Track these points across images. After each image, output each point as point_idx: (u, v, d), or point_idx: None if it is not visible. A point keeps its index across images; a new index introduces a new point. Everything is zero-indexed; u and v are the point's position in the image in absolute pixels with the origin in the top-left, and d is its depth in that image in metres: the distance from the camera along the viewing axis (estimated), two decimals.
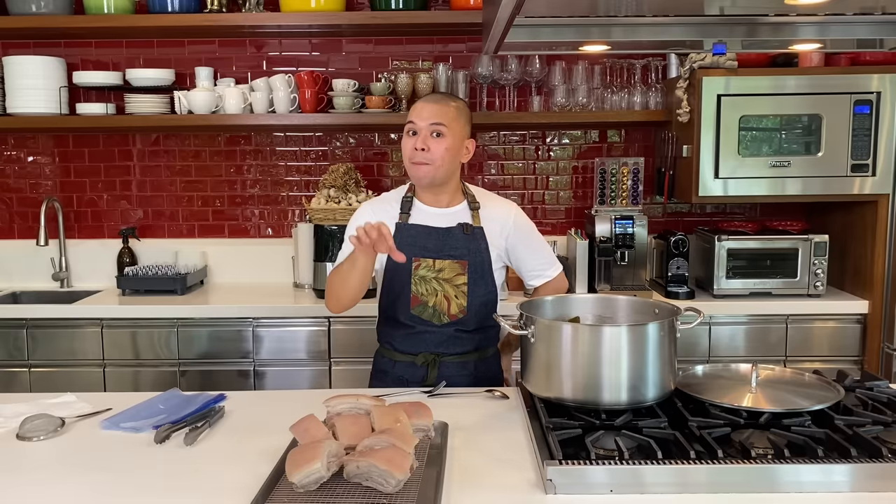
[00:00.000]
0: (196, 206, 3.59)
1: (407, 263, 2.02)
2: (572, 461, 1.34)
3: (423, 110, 2.02)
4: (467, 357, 2.10)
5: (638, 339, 1.58)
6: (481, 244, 2.08)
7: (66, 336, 3.02)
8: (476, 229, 2.08)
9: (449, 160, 2.02)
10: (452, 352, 2.08)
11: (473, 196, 2.14)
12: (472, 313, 2.08)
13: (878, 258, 2.99)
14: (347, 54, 3.49)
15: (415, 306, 2.06)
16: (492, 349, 2.19)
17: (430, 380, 2.05)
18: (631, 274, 3.22)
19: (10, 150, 3.56)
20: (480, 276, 2.07)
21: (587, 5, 1.73)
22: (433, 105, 2.02)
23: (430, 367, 2.07)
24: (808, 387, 1.70)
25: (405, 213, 2.10)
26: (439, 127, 2.00)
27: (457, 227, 2.07)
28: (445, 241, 2.06)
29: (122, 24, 3.21)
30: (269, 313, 3.01)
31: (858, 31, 1.89)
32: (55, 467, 1.50)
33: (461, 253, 2.05)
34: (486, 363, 2.15)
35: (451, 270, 2.05)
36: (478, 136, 3.54)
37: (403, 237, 2.05)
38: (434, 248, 2.05)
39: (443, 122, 2.00)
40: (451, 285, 2.05)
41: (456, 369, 2.08)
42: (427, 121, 2.00)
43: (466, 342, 2.09)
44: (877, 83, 2.94)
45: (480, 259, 2.07)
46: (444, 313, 2.06)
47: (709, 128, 2.98)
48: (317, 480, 1.30)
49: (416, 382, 2.06)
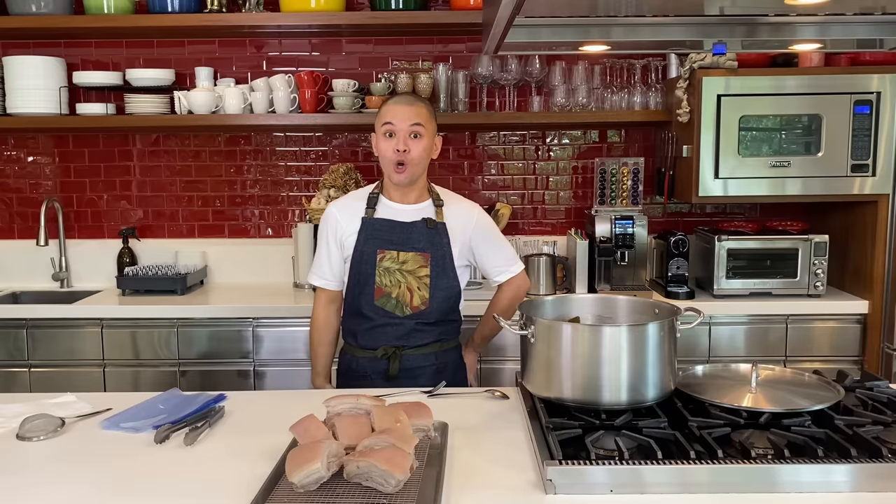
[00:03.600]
0: (196, 206, 3.59)
1: (372, 255, 2.14)
2: (572, 461, 1.34)
3: (401, 112, 2.10)
4: (428, 349, 2.19)
5: (638, 339, 1.58)
6: (444, 239, 2.17)
7: (66, 336, 3.02)
8: (439, 224, 2.18)
9: (425, 158, 2.14)
10: (414, 344, 2.17)
11: (438, 195, 2.25)
12: (434, 306, 2.17)
13: (878, 258, 2.99)
14: (347, 54, 3.49)
15: (378, 297, 2.15)
16: (452, 342, 2.28)
17: (392, 371, 2.15)
18: (631, 274, 3.22)
19: (10, 150, 3.56)
20: (443, 269, 2.16)
21: (587, 5, 1.72)
22: (409, 107, 2.11)
23: (392, 360, 2.15)
24: (808, 387, 1.70)
25: (371, 209, 2.19)
26: (418, 128, 2.10)
27: (420, 222, 2.17)
28: (409, 235, 2.15)
29: (122, 24, 3.21)
30: (269, 313, 3.01)
31: (858, 31, 1.89)
32: (55, 467, 1.50)
33: (424, 246, 2.15)
34: (446, 354, 2.24)
35: (414, 262, 2.14)
36: (477, 135, 3.54)
37: (369, 231, 2.16)
38: (398, 240, 2.15)
39: (421, 122, 2.10)
40: (413, 277, 2.14)
41: (418, 361, 2.18)
42: (406, 122, 2.09)
43: (427, 334, 2.18)
44: (877, 83, 2.94)
45: (443, 252, 2.16)
46: (407, 305, 2.15)
47: (709, 128, 2.98)
48: (317, 480, 1.30)
49: (380, 375, 2.16)
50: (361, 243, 2.16)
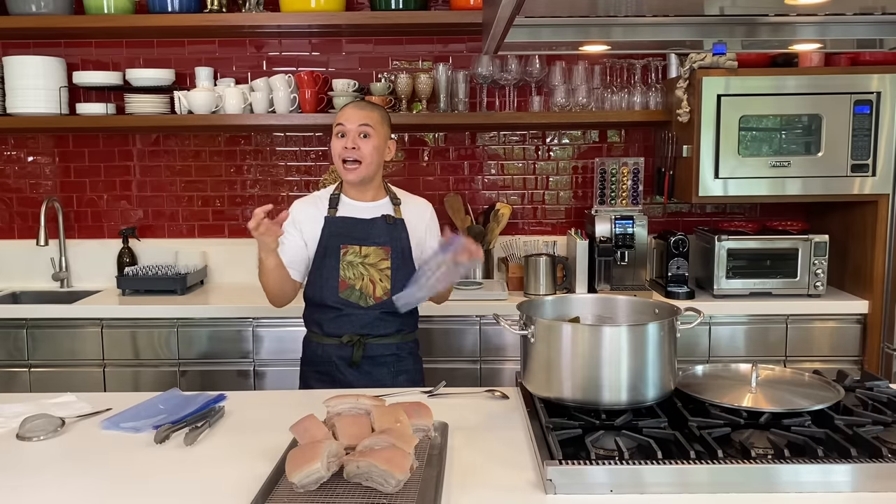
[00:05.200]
0: (196, 206, 3.59)
1: (335, 250, 2.26)
2: (572, 461, 1.34)
3: (352, 115, 2.23)
4: (390, 339, 2.29)
5: (638, 339, 1.58)
6: (402, 233, 2.30)
7: (66, 336, 3.02)
8: (398, 220, 2.31)
9: (377, 158, 2.25)
10: (377, 333, 2.26)
11: (395, 193, 2.38)
12: None
13: (878, 258, 2.99)
14: (347, 54, 3.49)
15: (343, 290, 2.25)
16: (411, 334, 2.37)
17: (356, 358, 2.24)
18: (631, 274, 3.22)
19: (10, 150, 3.56)
20: (402, 262, 2.28)
21: (587, 5, 1.72)
22: (360, 110, 2.24)
23: (356, 347, 2.24)
24: (808, 387, 1.70)
25: (333, 208, 2.31)
26: (366, 128, 2.22)
27: (380, 218, 2.29)
28: (370, 231, 2.27)
29: (122, 24, 3.21)
30: (269, 313, 3.01)
31: (858, 31, 1.89)
32: (55, 467, 1.50)
33: (384, 240, 2.27)
34: (407, 345, 2.34)
35: (375, 256, 2.26)
36: (477, 135, 3.54)
37: (332, 229, 2.27)
38: (360, 236, 2.26)
39: (369, 123, 2.22)
40: (376, 269, 2.25)
41: (380, 349, 2.27)
42: (355, 123, 2.21)
43: (390, 324, 2.28)
44: (877, 83, 2.94)
45: (402, 246, 2.29)
46: (370, 296, 2.25)
47: (709, 128, 2.98)
48: (317, 480, 1.30)
49: (344, 362, 2.25)
50: (325, 239, 2.26)
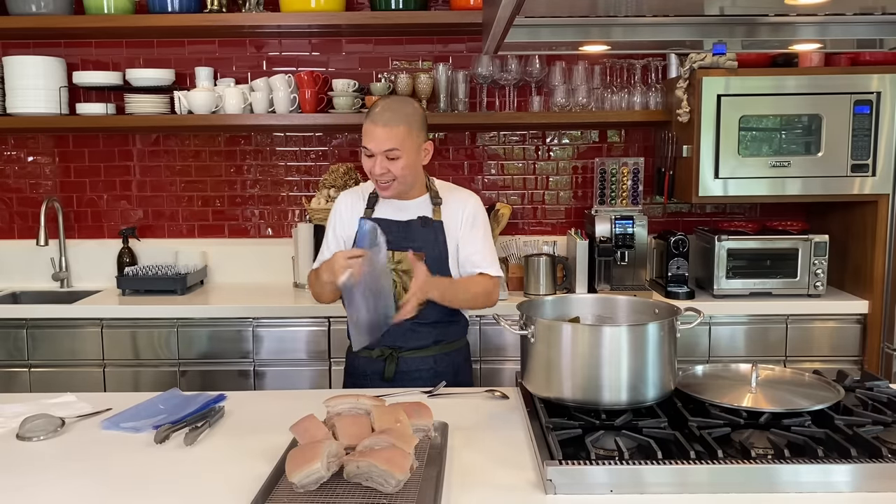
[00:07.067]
0: (196, 206, 3.59)
1: None
2: (572, 461, 1.34)
3: (377, 138, 2.02)
4: (426, 352, 2.14)
5: (638, 339, 1.58)
6: (440, 237, 2.14)
7: (66, 336, 3.02)
8: (435, 223, 2.15)
9: (410, 172, 2.08)
10: (410, 346, 2.13)
11: (437, 192, 2.20)
12: (431, 306, 2.09)
13: (878, 258, 2.99)
14: (347, 54, 3.49)
15: None
16: (454, 344, 2.22)
17: (388, 374, 2.11)
18: (631, 274, 3.22)
19: (10, 150, 3.56)
20: (437, 269, 2.09)
21: (587, 5, 1.73)
22: (384, 129, 2.02)
23: (388, 362, 2.12)
24: (808, 387, 1.70)
25: (370, 209, 2.19)
26: (392, 152, 2.02)
27: (416, 221, 2.15)
28: (405, 234, 2.12)
29: (122, 24, 3.21)
30: (269, 313, 3.01)
31: (858, 31, 1.89)
32: (55, 467, 1.50)
33: (419, 245, 2.11)
34: (449, 357, 2.18)
35: (408, 262, 2.05)
36: (477, 135, 3.54)
37: None
38: (394, 240, 2.07)
39: (394, 146, 2.02)
40: (409, 276, 2.05)
41: (415, 364, 2.13)
42: (381, 147, 2.02)
43: (425, 336, 2.14)
44: (877, 83, 2.94)
45: (438, 251, 2.13)
46: None
47: (709, 128, 2.98)
48: (317, 480, 1.31)
49: (378, 376, 2.13)
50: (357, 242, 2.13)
